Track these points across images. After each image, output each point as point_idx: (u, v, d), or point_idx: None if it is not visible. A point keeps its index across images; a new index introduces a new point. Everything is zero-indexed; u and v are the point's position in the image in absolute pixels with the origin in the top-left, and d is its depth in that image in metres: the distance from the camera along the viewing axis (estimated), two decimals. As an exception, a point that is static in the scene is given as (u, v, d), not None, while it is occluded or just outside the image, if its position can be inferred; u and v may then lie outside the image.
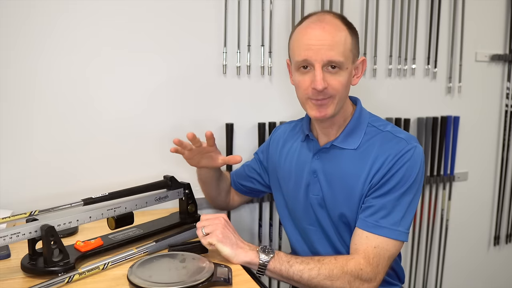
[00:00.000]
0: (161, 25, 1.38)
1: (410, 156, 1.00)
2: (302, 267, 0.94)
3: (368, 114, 1.11)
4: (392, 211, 0.99)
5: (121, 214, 1.05)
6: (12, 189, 1.28)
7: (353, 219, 1.05)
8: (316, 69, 0.98)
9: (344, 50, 0.98)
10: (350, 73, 1.02)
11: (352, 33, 1.02)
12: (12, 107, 1.26)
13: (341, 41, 0.98)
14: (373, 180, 1.01)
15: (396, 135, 1.04)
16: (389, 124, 1.09)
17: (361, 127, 1.07)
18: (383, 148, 1.02)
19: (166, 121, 1.42)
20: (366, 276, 0.95)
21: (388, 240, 0.98)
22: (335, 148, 1.08)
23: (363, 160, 1.03)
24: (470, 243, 2.00)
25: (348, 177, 1.05)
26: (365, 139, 1.06)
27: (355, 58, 1.04)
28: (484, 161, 1.95)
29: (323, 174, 1.09)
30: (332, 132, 1.09)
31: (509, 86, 1.92)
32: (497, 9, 1.84)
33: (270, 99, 1.54)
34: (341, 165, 1.06)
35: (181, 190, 1.21)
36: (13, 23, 1.23)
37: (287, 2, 1.51)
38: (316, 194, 1.10)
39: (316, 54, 0.97)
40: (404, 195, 0.99)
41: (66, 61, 1.29)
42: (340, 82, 1.00)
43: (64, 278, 0.85)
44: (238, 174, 1.35)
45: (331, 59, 0.97)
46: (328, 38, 0.97)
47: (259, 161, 1.31)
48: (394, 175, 0.99)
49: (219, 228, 0.95)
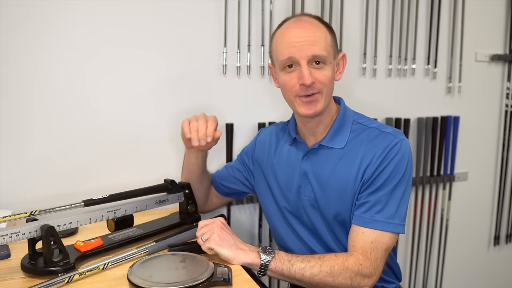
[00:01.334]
0: (161, 25, 1.38)
1: (398, 149, 1.01)
2: (304, 265, 0.94)
3: (352, 112, 1.13)
4: (386, 205, 1.00)
5: (121, 216, 1.05)
6: (12, 189, 1.28)
7: (348, 216, 1.06)
8: (302, 65, 1.00)
9: (326, 45, 1.02)
10: (333, 68, 1.05)
11: (330, 31, 1.05)
12: (13, 107, 1.26)
13: (322, 37, 1.02)
14: (364, 176, 1.02)
15: (382, 130, 1.05)
16: (374, 121, 1.11)
17: (346, 126, 1.09)
18: (371, 144, 1.04)
19: (166, 122, 1.42)
20: (366, 271, 0.96)
21: (384, 234, 0.99)
22: (323, 148, 1.09)
23: (352, 158, 1.05)
24: (470, 243, 2.01)
25: (339, 176, 1.05)
26: (351, 137, 1.07)
27: (336, 54, 1.06)
28: (484, 161, 1.95)
29: (313, 175, 1.10)
30: (319, 132, 1.10)
31: (509, 86, 1.92)
32: (497, 9, 1.85)
33: (270, 99, 1.54)
34: (331, 165, 1.07)
35: (181, 194, 1.21)
36: (13, 22, 1.23)
37: (287, 2, 1.51)
38: (308, 196, 1.11)
39: (300, 50, 1.00)
40: (396, 188, 1.01)
41: (65, 61, 1.29)
42: (326, 76, 1.02)
43: (64, 278, 0.85)
44: (220, 175, 1.33)
45: (315, 54, 1.00)
46: (309, 34, 1.01)
47: (243, 163, 1.30)
48: (384, 169, 1.01)
49: (216, 231, 0.95)
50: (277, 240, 1.25)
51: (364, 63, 1.64)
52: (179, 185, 1.21)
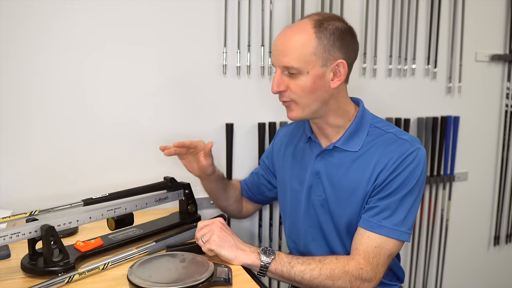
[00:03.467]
0: (160, 25, 1.38)
1: (414, 157, 1.00)
2: (304, 268, 0.94)
3: (370, 115, 1.11)
4: (395, 211, 0.99)
5: (121, 215, 1.05)
6: (12, 189, 1.28)
7: (356, 219, 1.05)
8: (276, 72, 1.02)
9: (300, 54, 0.97)
10: (316, 77, 0.99)
11: (322, 36, 0.97)
12: (12, 107, 1.26)
13: (296, 46, 0.97)
14: (377, 181, 1.01)
15: (399, 137, 1.04)
16: (392, 126, 1.09)
17: (363, 129, 1.07)
18: (387, 150, 1.02)
19: (166, 121, 1.42)
20: (366, 275, 0.96)
21: (389, 240, 0.98)
22: (338, 149, 1.08)
23: (367, 161, 1.04)
24: (470, 243, 2.00)
25: (352, 178, 1.05)
26: (367, 140, 1.06)
27: (327, 61, 0.99)
28: (484, 161, 1.95)
29: (326, 175, 1.09)
30: (331, 134, 1.09)
31: (509, 86, 1.92)
32: (497, 9, 1.84)
33: (270, 99, 1.53)
34: (345, 167, 1.06)
35: (181, 191, 1.21)
36: (12, 23, 1.23)
37: (287, 2, 1.51)
38: (319, 195, 1.10)
39: (275, 59, 1.01)
40: (407, 196, 1.00)
41: (65, 60, 1.29)
42: (298, 86, 0.99)
43: (64, 278, 0.85)
44: (249, 183, 1.34)
45: (284, 65, 0.99)
46: (281, 43, 1.00)
47: (266, 167, 1.31)
48: (398, 176, 1.00)
49: (216, 232, 0.95)
50: (288, 242, 1.25)
51: (364, 63, 1.64)
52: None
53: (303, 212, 1.14)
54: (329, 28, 0.98)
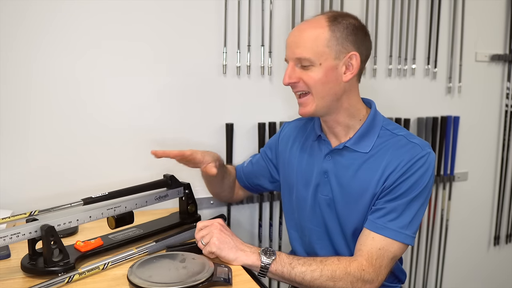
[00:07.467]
0: (161, 25, 1.38)
1: (424, 162, 1.00)
2: (305, 269, 0.94)
3: (382, 117, 1.11)
4: (402, 214, 0.99)
5: (121, 213, 1.05)
6: (12, 189, 1.28)
7: (362, 221, 1.05)
8: (288, 65, 1.03)
9: (313, 46, 0.99)
10: (329, 69, 1.00)
11: (335, 29, 0.99)
12: (12, 106, 1.26)
13: (311, 38, 0.99)
14: (386, 183, 1.01)
15: (410, 140, 1.04)
16: (402, 129, 1.09)
17: (374, 130, 1.07)
18: (398, 152, 1.02)
19: (165, 121, 1.42)
20: (368, 277, 0.95)
21: (393, 242, 0.98)
22: (348, 149, 1.07)
23: (377, 163, 1.03)
24: (470, 243, 2.01)
25: (361, 179, 1.04)
26: (378, 142, 1.06)
27: (340, 54, 1.00)
28: (484, 161, 1.95)
29: (334, 175, 1.08)
30: (340, 133, 1.09)
31: (509, 86, 1.92)
32: (497, 9, 1.85)
33: (270, 99, 1.54)
34: (354, 167, 1.06)
35: (181, 189, 1.21)
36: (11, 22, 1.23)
37: (287, 2, 1.51)
38: (326, 195, 1.10)
39: (289, 51, 1.03)
40: (415, 200, 1.00)
41: (65, 61, 1.29)
42: (311, 77, 1.00)
43: (64, 278, 0.85)
44: (247, 173, 1.33)
45: (298, 56, 1.00)
46: (295, 36, 1.02)
47: (268, 159, 1.29)
48: (407, 179, 1.00)
49: (215, 234, 0.95)
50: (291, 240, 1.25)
51: (364, 63, 1.64)
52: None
53: (309, 210, 1.14)
54: (343, 23, 1.00)
